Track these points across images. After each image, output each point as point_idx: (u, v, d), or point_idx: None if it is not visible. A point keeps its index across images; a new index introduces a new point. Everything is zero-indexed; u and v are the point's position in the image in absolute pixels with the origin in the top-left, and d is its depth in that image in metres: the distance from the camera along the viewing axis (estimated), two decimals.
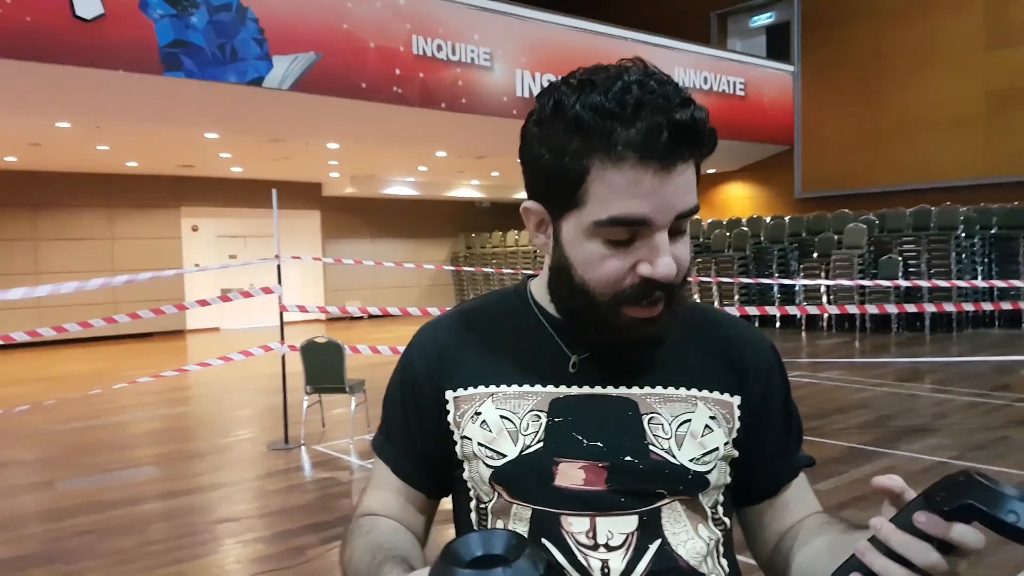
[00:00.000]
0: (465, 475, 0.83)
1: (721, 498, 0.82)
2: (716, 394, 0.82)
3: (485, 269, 7.01)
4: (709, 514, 0.80)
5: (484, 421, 0.80)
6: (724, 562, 0.81)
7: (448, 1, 9.29)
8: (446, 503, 0.92)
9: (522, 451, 0.78)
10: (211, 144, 10.71)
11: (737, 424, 0.82)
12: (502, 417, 0.80)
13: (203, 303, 5.89)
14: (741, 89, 12.92)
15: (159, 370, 6.65)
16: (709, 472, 0.78)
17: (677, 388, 0.80)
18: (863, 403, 6.31)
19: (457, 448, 0.82)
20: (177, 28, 7.22)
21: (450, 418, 0.83)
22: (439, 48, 9.14)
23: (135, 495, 4.41)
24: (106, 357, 11.04)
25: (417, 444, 0.87)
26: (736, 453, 0.82)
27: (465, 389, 0.83)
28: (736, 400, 0.82)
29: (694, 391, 0.81)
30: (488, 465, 0.79)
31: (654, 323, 0.75)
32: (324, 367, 5.36)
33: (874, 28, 12.89)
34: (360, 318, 15.22)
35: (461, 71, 9.37)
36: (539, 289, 0.86)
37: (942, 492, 0.55)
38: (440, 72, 9.16)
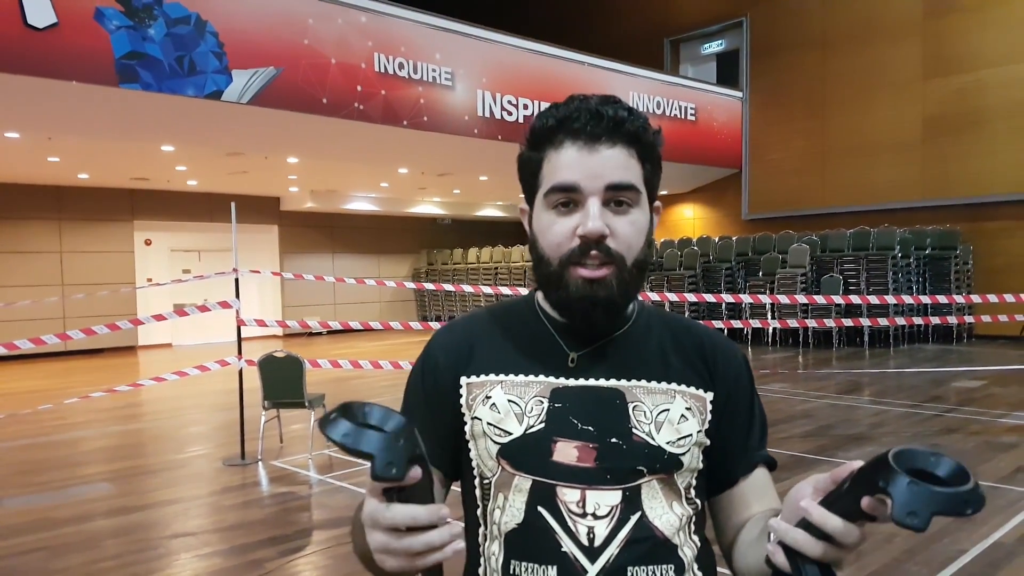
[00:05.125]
0: (472, 454, 0.93)
1: (694, 481, 0.92)
2: (692, 389, 0.94)
3: (446, 287, 7.09)
4: (683, 493, 0.91)
5: (494, 404, 0.92)
6: (696, 538, 0.92)
7: (410, 20, 9.42)
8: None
9: (526, 430, 0.89)
10: (167, 157, 10.59)
11: (709, 416, 0.93)
12: (510, 401, 0.91)
13: (159, 318, 5.84)
14: (692, 114, 13.34)
15: (110, 387, 6.54)
16: (683, 454, 0.90)
17: (659, 382, 0.93)
18: (805, 414, 6.58)
19: (467, 428, 0.93)
20: (134, 40, 7.17)
21: (463, 400, 0.94)
22: (401, 66, 9.26)
23: (87, 512, 4.36)
24: (54, 373, 10.74)
25: (437, 426, 0.95)
26: (708, 441, 0.93)
27: (478, 376, 0.95)
28: (709, 396, 0.94)
29: (673, 385, 0.93)
30: (495, 442, 0.90)
31: (600, 284, 0.87)
32: (283, 382, 5.37)
33: (819, 57, 13.48)
34: (320, 333, 15.11)
35: (423, 89, 9.50)
36: (543, 297, 0.99)
37: (880, 485, 0.62)
38: (402, 90, 9.27)
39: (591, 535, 0.86)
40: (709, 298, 7.90)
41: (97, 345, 12.66)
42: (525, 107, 10.51)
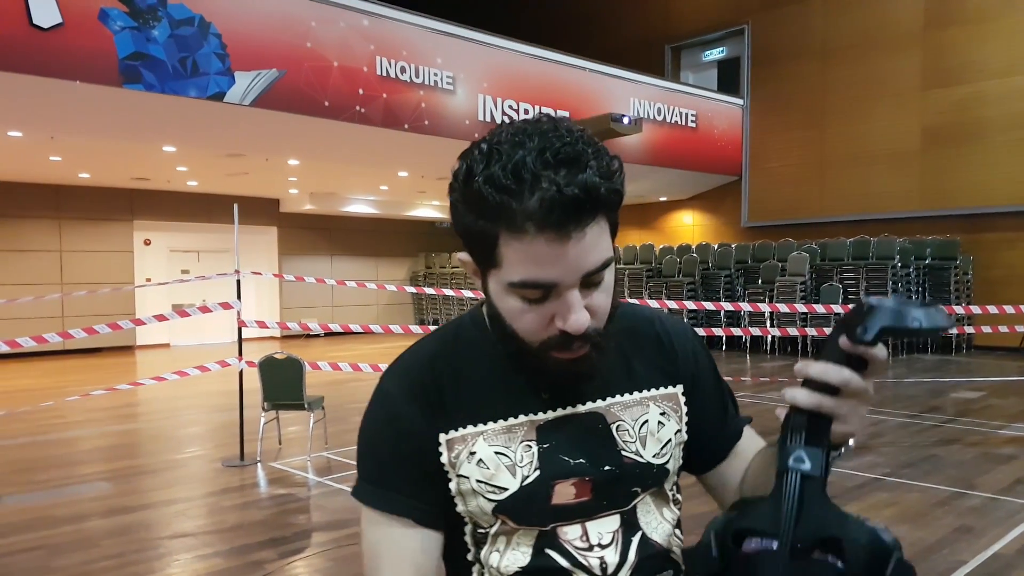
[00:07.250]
0: (459, 509, 0.86)
1: (676, 478, 0.93)
2: (661, 390, 0.93)
3: (446, 291, 7.12)
4: (670, 497, 0.92)
5: (480, 460, 0.85)
6: (678, 533, 0.94)
7: (411, 24, 9.45)
8: None
9: (522, 482, 0.85)
10: (168, 157, 10.60)
11: (684, 410, 0.93)
12: (497, 453, 0.85)
13: (161, 318, 5.84)
14: (693, 121, 13.38)
15: (110, 386, 6.54)
16: (667, 462, 0.90)
17: (631, 394, 0.90)
18: None
19: (452, 485, 0.86)
20: (138, 41, 7.19)
21: (444, 459, 0.86)
22: (402, 70, 9.28)
23: (86, 511, 4.36)
24: (52, 372, 10.72)
25: (421, 487, 0.87)
26: (687, 437, 0.93)
27: (456, 431, 0.86)
28: (679, 389, 0.94)
29: (644, 392, 0.91)
30: (489, 499, 0.84)
31: (581, 362, 0.81)
32: (282, 383, 5.37)
33: (819, 66, 13.53)
34: (317, 336, 15.13)
35: (424, 93, 9.52)
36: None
37: (854, 324, 0.64)
38: (403, 93, 9.29)
39: (603, 565, 0.85)
40: (708, 306, 7.91)
41: (95, 344, 12.65)
42: (526, 112, 10.54)
